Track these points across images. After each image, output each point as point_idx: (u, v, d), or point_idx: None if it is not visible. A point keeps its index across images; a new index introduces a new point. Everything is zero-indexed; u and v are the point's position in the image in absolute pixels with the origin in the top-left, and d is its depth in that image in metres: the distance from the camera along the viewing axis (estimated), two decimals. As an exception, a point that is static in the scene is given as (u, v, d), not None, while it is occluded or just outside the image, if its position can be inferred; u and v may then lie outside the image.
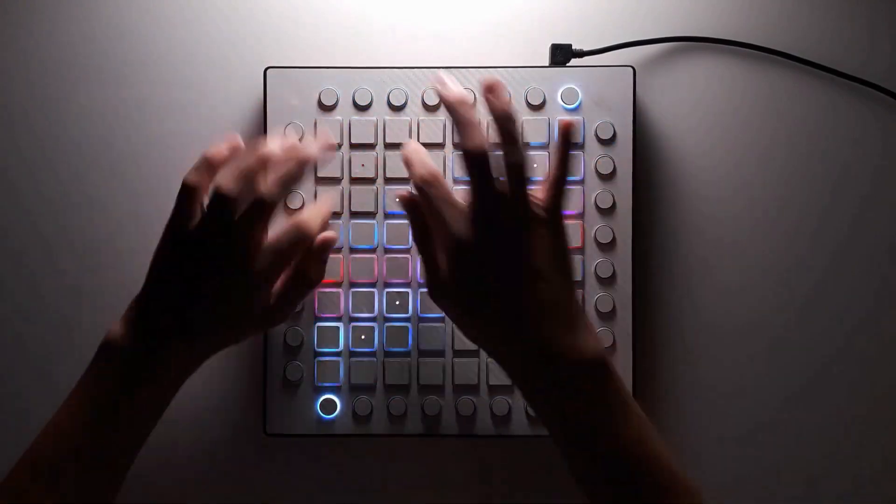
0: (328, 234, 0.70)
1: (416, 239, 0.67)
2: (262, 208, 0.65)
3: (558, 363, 0.62)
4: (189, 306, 0.65)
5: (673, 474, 0.62)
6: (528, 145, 0.74)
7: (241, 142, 0.68)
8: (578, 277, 0.74)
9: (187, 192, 0.65)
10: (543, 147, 0.74)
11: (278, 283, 0.68)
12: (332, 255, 0.73)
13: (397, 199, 0.69)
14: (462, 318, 0.66)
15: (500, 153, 0.63)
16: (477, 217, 0.63)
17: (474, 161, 0.63)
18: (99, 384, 0.65)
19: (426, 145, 0.74)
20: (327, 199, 0.74)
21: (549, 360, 0.63)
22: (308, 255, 0.69)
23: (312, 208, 0.70)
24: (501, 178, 0.63)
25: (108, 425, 0.64)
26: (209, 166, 0.67)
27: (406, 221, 0.74)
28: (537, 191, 0.64)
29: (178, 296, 0.65)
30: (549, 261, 0.63)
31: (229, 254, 0.65)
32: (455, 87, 0.65)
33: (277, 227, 0.67)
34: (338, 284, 0.74)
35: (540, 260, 0.63)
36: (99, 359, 0.66)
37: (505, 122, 0.63)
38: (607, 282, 0.74)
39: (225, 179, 0.65)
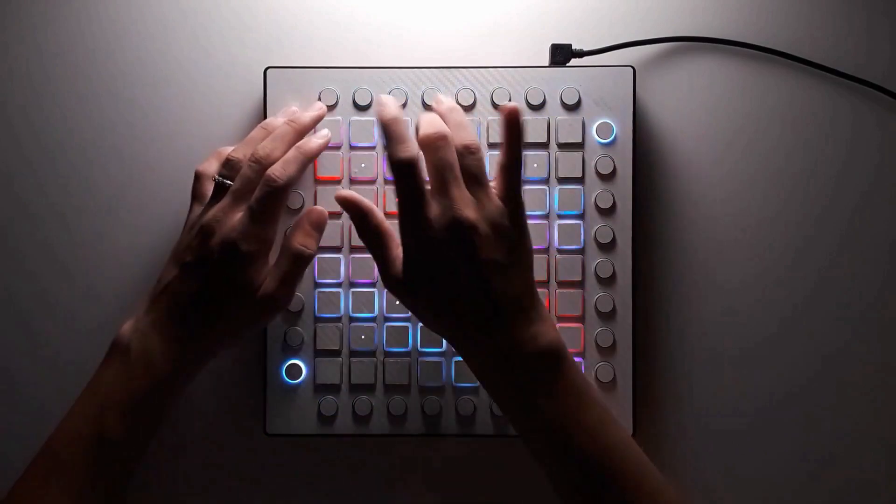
0: (318, 208, 0.71)
1: (364, 233, 0.67)
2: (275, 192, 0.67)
3: (513, 354, 0.63)
4: (203, 303, 0.66)
5: (630, 461, 0.63)
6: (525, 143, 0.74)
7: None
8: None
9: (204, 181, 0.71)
10: (543, 147, 0.74)
11: (273, 267, 0.68)
12: (332, 256, 0.73)
13: (336, 199, 0.68)
14: (420, 312, 0.67)
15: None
16: (432, 212, 0.64)
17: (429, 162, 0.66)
18: (109, 382, 0.65)
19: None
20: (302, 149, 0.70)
21: (504, 351, 0.63)
22: (298, 229, 0.69)
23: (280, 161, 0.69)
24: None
25: (118, 423, 0.64)
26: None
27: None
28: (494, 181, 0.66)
29: (193, 293, 0.66)
30: (504, 253, 0.64)
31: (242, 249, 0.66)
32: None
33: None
34: (338, 284, 0.74)
35: (493, 253, 0.63)
36: (109, 357, 0.66)
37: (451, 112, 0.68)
38: (607, 282, 0.74)
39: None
